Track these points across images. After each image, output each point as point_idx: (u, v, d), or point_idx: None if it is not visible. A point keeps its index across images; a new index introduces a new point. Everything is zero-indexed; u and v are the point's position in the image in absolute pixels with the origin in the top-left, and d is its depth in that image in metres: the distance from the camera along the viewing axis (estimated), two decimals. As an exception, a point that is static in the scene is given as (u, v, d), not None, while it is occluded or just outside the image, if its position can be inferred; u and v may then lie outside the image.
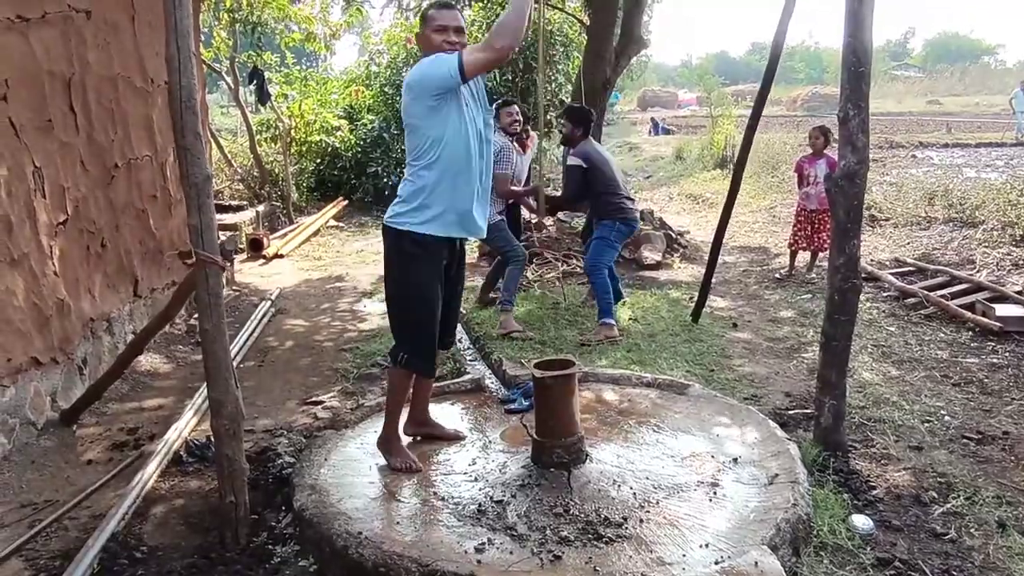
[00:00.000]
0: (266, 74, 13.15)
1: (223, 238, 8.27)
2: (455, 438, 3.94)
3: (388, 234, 3.51)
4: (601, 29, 10.08)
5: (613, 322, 6.00)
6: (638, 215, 6.41)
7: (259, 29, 12.86)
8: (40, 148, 4.50)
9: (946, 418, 4.33)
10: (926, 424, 4.23)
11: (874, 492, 3.47)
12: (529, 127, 7.09)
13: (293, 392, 5.07)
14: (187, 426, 4.37)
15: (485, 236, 3.87)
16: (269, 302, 7.34)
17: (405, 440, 3.81)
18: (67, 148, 4.84)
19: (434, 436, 3.95)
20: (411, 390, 3.80)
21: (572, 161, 6.07)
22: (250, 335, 6.26)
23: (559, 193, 7.08)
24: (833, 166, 7.31)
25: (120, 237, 5.54)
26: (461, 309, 6.21)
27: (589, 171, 5.99)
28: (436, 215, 3.40)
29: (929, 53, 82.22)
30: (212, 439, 3.32)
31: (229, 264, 8.16)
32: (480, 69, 3.28)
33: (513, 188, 6.56)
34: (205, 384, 3.23)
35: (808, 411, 4.28)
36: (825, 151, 7.92)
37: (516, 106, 6.59)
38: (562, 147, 6.56)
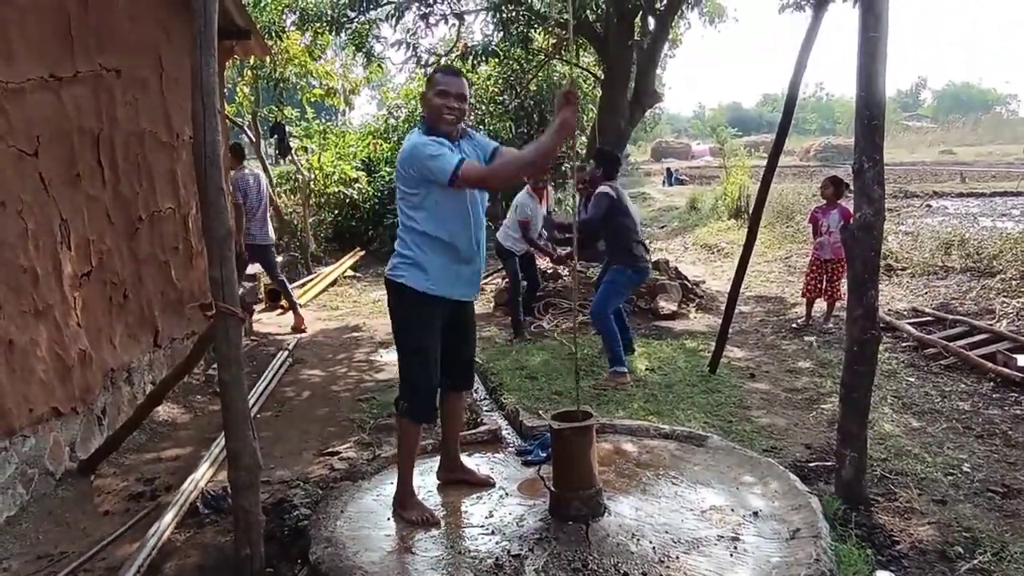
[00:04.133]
0: (287, 128, 13.39)
1: (243, 289, 8.36)
2: (486, 484, 3.93)
3: (389, 286, 3.60)
4: (616, 83, 10.25)
5: (624, 369, 5.99)
6: (650, 266, 6.42)
7: (281, 85, 13.16)
8: (67, 201, 4.58)
9: (970, 471, 4.24)
10: (949, 477, 4.15)
11: (898, 547, 3.40)
12: (546, 178, 7.31)
13: (310, 442, 5.05)
14: (204, 477, 4.35)
15: (474, 299, 3.88)
16: (287, 352, 7.36)
17: (432, 487, 3.81)
18: (93, 201, 4.93)
19: (465, 481, 3.94)
20: (441, 437, 3.85)
21: (603, 189, 6.07)
22: (267, 385, 6.26)
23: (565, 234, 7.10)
24: (847, 216, 7.40)
25: (142, 288, 5.60)
26: (478, 359, 6.28)
27: (615, 203, 6.02)
28: (425, 277, 3.45)
29: (940, 103, 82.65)
30: (229, 490, 3.30)
31: (248, 315, 8.20)
32: (471, 185, 3.35)
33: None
34: (223, 434, 3.22)
35: (829, 463, 4.21)
36: (839, 201, 7.93)
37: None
38: (579, 196, 6.69)
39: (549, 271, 9.14)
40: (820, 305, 8.22)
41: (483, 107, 15.90)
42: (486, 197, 3.69)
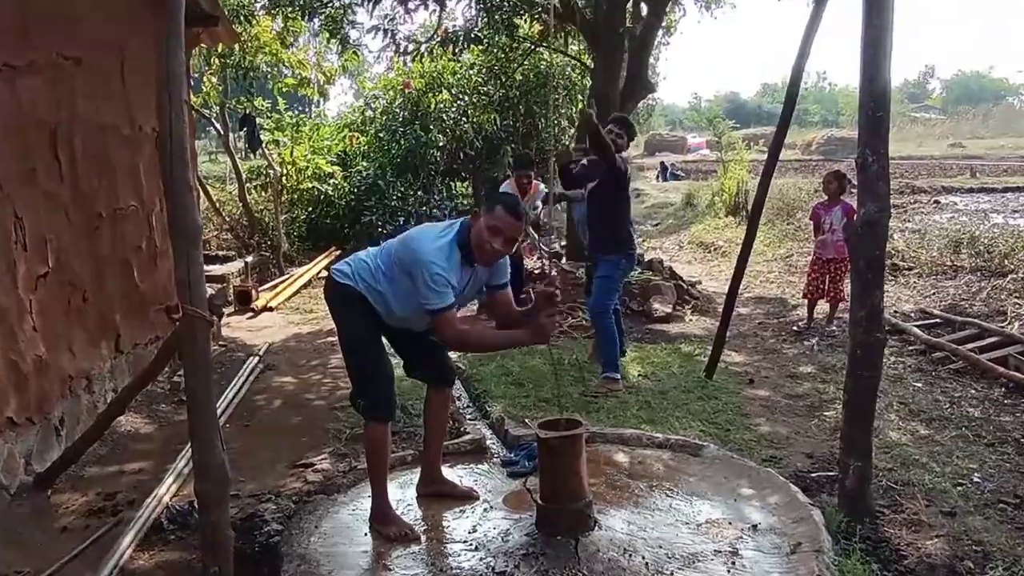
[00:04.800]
0: (257, 120, 13.33)
1: (211, 291, 8.32)
2: (469, 497, 3.96)
3: (328, 282, 3.67)
4: (606, 73, 10.26)
5: (618, 375, 6.02)
6: (637, 251, 6.44)
7: (251, 74, 13.09)
8: (22, 198, 4.55)
9: (980, 481, 4.28)
10: (959, 487, 4.18)
11: (905, 562, 3.43)
12: (532, 174, 7.50)
13: (282, 454, 5.03)
14: (168, 491, 4.33)
15: None
16: (257, 358, 7.32)
17: (412, 501, 3.86)
18: (51, 198, 4.90)
19: (446, 494, 3.96)
20: (423, 446, 3.97)
21: (619, 159, 5.95)
22: (236, 393, 6.24)
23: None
24: (850, 213, 7.47)
25: (103, 290, 5.57)
26: (460, 365, 6.28)
27: (618, 178, 5.96)
28: (375, 308, 3.57)
29: (949, 94, 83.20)
30: (195, 505, 3.29)
31: (217, 319, 8.18)
32: (436, 327, 3.45)
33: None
34: (189, 445, 3.21)
35: (832, 474, 4.24)
36: (842, 197, 8.00)
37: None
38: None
39: (536, 271, 9.15)
40: (822, 307, 8.26)
41: (466, 98, 15.89)
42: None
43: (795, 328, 8.13)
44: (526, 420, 5.05)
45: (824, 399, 5.82)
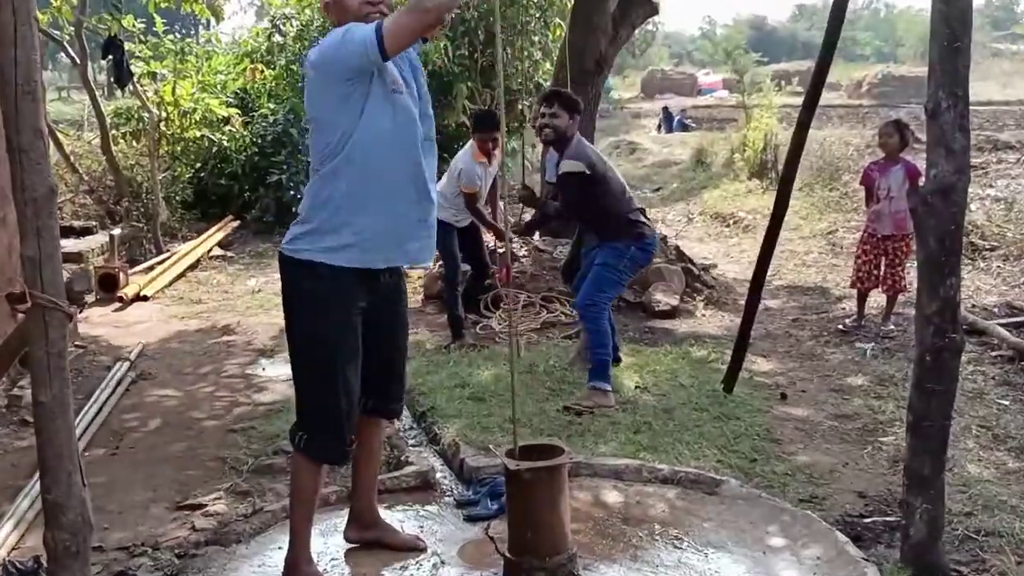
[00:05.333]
0: (127, 45, 13.09)
1: (68, 275, 8.19)
2: (414, 548, 3.98)
3: (284, 266, 3.60)
4: (592, -15, 10.22)
5: (609, 387, 6.06)
6: (657, 236, 6.47)
7: (118, -18, 12.86)
8: None
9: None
10: (1059, 538, 4.21)
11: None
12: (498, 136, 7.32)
13: (161, 492, 4.98)
14: (6, 541, 4.26)
15: (430, 263, 3.98)
16: (127, 363, 7.25)
17: (339, 552, 3.83)
18: None
19: (385, 544, 3.96)
20: (351, 482, 3.93)
21: (570, 167, 6.03)
22: (100, 410, 6.16)
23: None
24: (914, 175, 7.51)
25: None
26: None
27: (593, 180, 6.04)
28: (351, 240, 3.47)
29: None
30: (43, 561, 3.26)
31: (78, 310, 8.05)
32: (407, 39, 3.33)
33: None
34: (36, 480, 3.17)
35: (892, 519, 4.25)
36: (902, 155, 8.01)
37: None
38: (542, 148, 6.73)
39: (500, 250, 9.13)
40: (877, 298, 8.33)
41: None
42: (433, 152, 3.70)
43: (841, 327, 8.16)
44: (489, 446, 5.05)
45: (880, 420, 5.83)
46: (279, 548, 3.73)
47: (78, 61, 13.51)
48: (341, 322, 3.53)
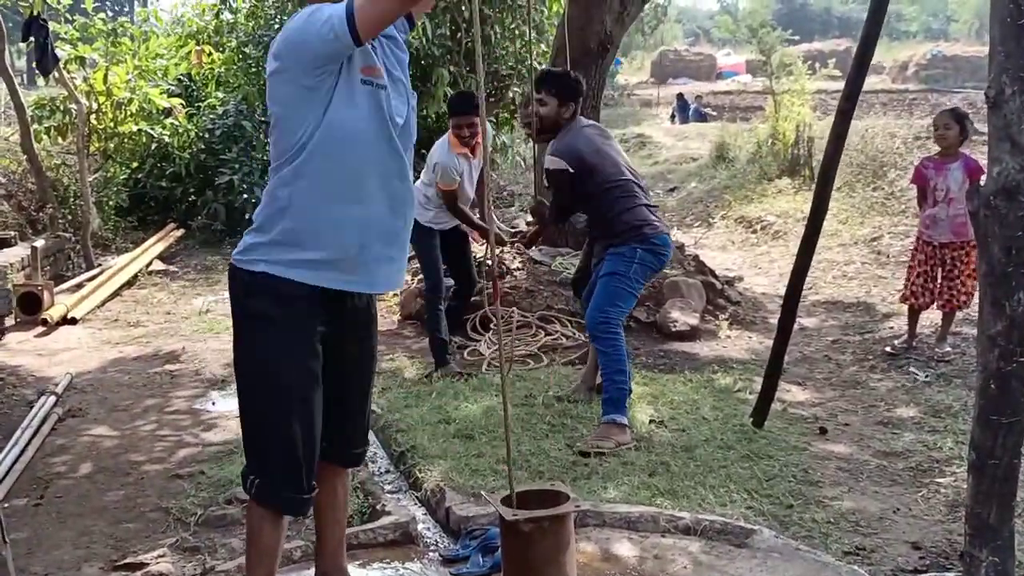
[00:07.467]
0: (51, 26, 12.94)
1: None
2: None
3: (235, 279, 3.44)
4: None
5: (626, 421, 5.80)
6: (669, 236, 6.33)
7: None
8: None
9: None
10: None
11: None
12: (477, 120, 7.16)
13: (94, 548, 4.77)
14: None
15: (399, 287, 3.80)
16: (53, 398, 7.04)
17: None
18: None
19: None
20: (317, 537, 3.84)
21: (553, 164, 5.90)
22: (22, 452, 5.95)
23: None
24: (975, 173, 7.35)
25: None
26: (376, 407, 6.18)
27: (579, 179, 5.89)
28: (314, 255, 3.33)
29: None
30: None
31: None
32: (384, 19, 3.19)
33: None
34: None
35: (952, 573, 4.09)
36: (961, 149, 7.81)
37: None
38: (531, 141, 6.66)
39: (488, 261, 8.88)
40: (932, 316, 8.19)
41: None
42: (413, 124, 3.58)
43: (889, 349, 8.00)
44: (480, 492, 4.84)
45: (936, 459, 5.65)
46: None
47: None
48: (300, 346, 3.38)
